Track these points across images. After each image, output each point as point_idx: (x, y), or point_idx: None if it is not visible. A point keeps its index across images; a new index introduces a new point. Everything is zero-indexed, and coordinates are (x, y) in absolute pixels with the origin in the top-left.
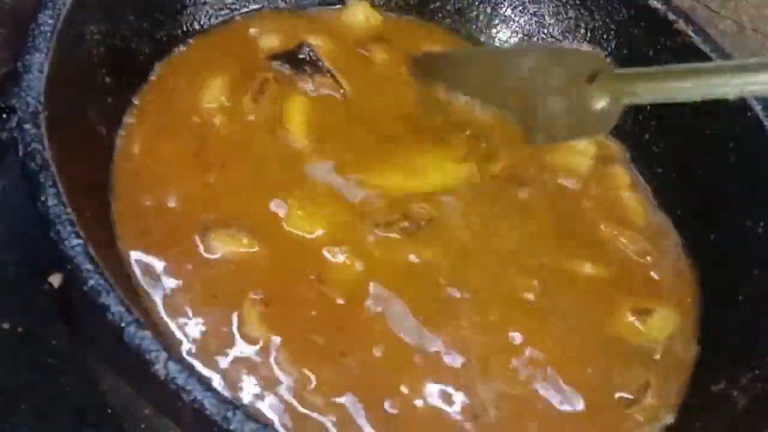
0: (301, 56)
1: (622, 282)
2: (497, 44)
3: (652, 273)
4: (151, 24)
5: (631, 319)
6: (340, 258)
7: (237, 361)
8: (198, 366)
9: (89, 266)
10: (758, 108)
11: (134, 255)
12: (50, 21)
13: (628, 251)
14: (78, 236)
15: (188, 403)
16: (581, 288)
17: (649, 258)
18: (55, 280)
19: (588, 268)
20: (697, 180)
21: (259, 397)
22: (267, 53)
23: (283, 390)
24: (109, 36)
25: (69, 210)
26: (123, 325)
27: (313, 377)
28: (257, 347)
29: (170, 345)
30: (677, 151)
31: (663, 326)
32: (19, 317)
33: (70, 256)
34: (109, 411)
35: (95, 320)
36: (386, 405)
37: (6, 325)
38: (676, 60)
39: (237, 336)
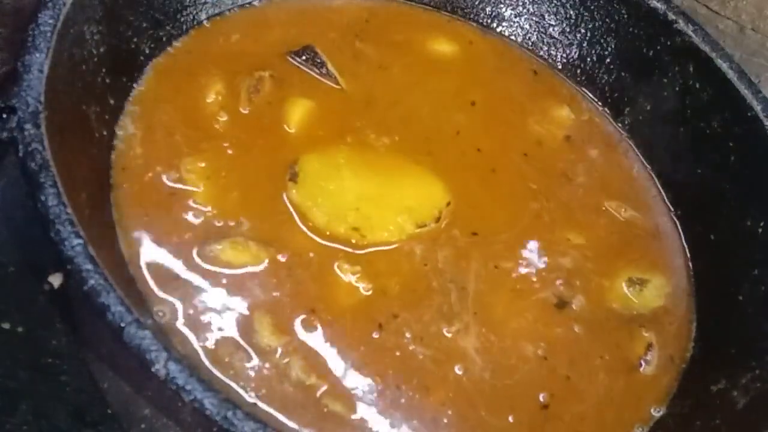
0: (305, 58)
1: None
2: (498, 43)
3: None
4: (151, 24)
5: (626, 290)
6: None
7: (245, 366)
8: (202, 369)
9: (89, 266)
10: (758, 108)
11: (134, 255)
12: (50, 21)
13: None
14: (78, 236)
15: (188, 403)
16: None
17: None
18: (55, 280)
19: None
20: (697, 180)
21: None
22: (269, 49)
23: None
24: (109, 36)
25: (69, 210)
26: (123, 325)
27: (324, 384)
28: (269, 355)
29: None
30: (677, 151)
31: (656, 294)
32: (19, 317)
33: (70, 256)
34: (109, 411)
35: (95, 320)
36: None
37: (6, 325)
38: (676, 60)
39: (246, 344)
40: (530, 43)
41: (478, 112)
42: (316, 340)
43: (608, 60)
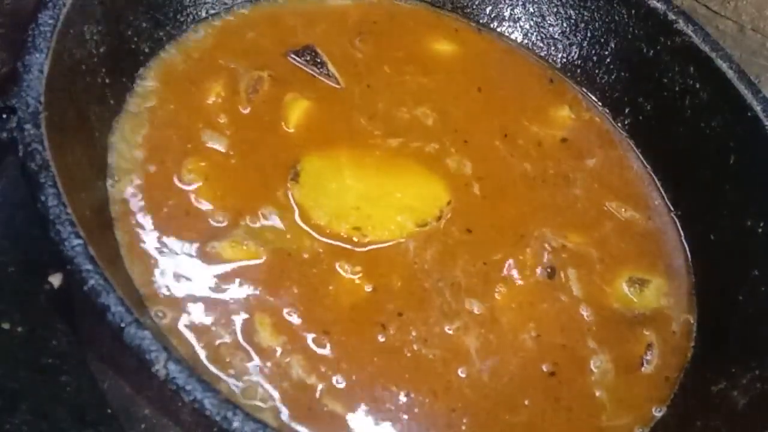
0: (306, 58)
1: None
2: (498, 43)
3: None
4: (151, 24)
5: (627, 290)
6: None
7: (245, 366)
8: (202, 369)
9: (89, 266)
10: (758, 108)
11: (135, 254)
12: (50, 21)
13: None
14: (78, 236)
15: (188, 403)
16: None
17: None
18: (55, 280)
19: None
20: (697, 180)
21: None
22: (269, 48)
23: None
24: (109, 36)
25: (69, 210)
26: (123, 325)
27: (322, 385)
28: (269, 354)
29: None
30: (677, 151)
31: (656, 294)
32: (19, 317)
33: (70, 256)
34: (109, 411)
35: (95, 320)
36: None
37: (6, 325)
38: (676, 60)
39: (246, 344)
40: (530, 43)
41: (477, 111)
42: (316, 339)
43: (608, 60)
